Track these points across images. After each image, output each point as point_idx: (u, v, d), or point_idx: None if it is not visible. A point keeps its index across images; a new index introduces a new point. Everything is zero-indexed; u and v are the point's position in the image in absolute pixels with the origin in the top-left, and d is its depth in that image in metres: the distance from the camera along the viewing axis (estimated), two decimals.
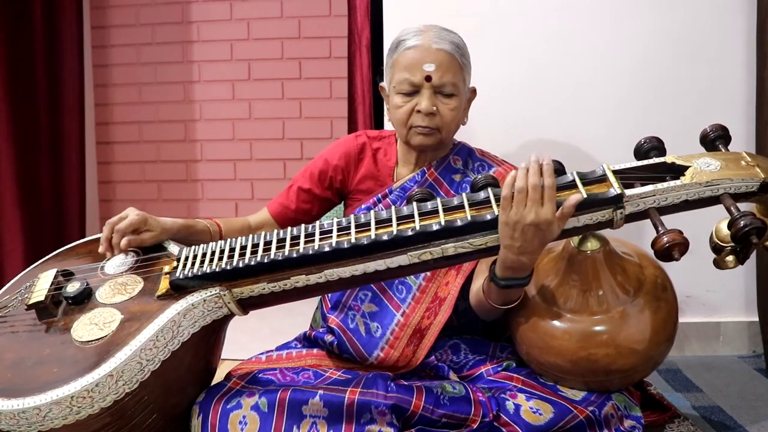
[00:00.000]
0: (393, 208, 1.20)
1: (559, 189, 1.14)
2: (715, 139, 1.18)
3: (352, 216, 1.21)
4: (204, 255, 1.24)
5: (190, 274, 1.19)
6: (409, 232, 1.15)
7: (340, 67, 2.88)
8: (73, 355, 1.11)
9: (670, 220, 1.08)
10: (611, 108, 1.93)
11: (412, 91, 1.42)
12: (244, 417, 1.17)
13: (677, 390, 1.71)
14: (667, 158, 1.15)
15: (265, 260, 1.17)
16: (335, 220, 1.22)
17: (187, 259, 1.24)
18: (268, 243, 1.22)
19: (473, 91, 1.53)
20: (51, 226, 2.60)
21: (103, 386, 1.06)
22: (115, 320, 1.16)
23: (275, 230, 1.24)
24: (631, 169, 1.15)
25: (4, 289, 1.34)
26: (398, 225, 1.17)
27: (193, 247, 1.28)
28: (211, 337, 1.22)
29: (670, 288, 1.31)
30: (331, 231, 1.19)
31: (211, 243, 1.27)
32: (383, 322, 1.40)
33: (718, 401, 1.62)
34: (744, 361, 1.93)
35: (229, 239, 1.26)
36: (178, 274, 1.21)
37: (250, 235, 1.25)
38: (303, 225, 1.23)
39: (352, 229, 1.18)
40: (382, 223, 1.19)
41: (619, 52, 1.91)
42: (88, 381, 1.05)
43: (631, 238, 1.42)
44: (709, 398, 1.65)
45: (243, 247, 1.22)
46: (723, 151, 1.17)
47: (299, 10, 3.02)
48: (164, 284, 1.21)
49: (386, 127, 1.93)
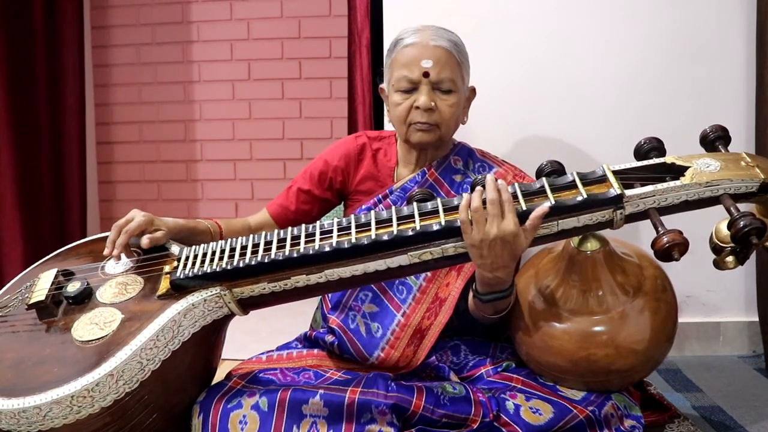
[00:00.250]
0: (393, 208, 1.20)
1: (559, 189, 1.14)
2: (715, 140, 1.18)
3: (353, 216, 1.21)
4: (204, 255, 1.24)
5: (191, 274, 1.20)
6: (410, 232, 1.15)
7: (340, 67, 2.88)
8: (74, 354, 1.11)
9: (670, 221, 1.08)
10: (611, 108, 1.93)
11: (411, 88, 1.43)
12: (244, 416, 1.17)
13: (677, 390, 1.71)
14: (667, 159, 1.15)
15: (266, 260, 1.17)
16: (335, 220, 1.22)
17: (187, 259, 1.24)
18: (268, 243, 1.22)
19: (473, 91, 1.53)
20: (51, 227, 2.60)
21: (104, 385, 1.06)
22: (116, 320, 1.16)
23: (276, 230, 1.24)
24: (631, 170, 1.15)
25: (5, 288, 1.34)
26: (399, 225, 1.17)
27: (194, 247, 1.28)
28: (211, 337, 1.22)
29: (670, 288, 1.31)
30: (331, 231, 1.20)
31: (211, 243, 1.27)
32: (384, 322, 1.40)
33: (718, 401, 1.62)
34: (744, 361, 1.93)
35: (229, 239, 1.26)
36: (178, 274, 1.21)
37: (251, 235, 1.25)
38: (303, 225, 1.23)
39: (353, 229, 1.18)
40: (383, 223, 1.19)
41: (619, 53, 1.91)
42: (89, 380, 1.05)
43: (631, 239, 1.42)
44: (709, 398, 1.65)
45: (243, 247, 1.22)
46: (723, 151, 1.17)
47: (299, 10, 3.02)
48: (165, 284, 1.21)
49: (386, 127, 1.93)
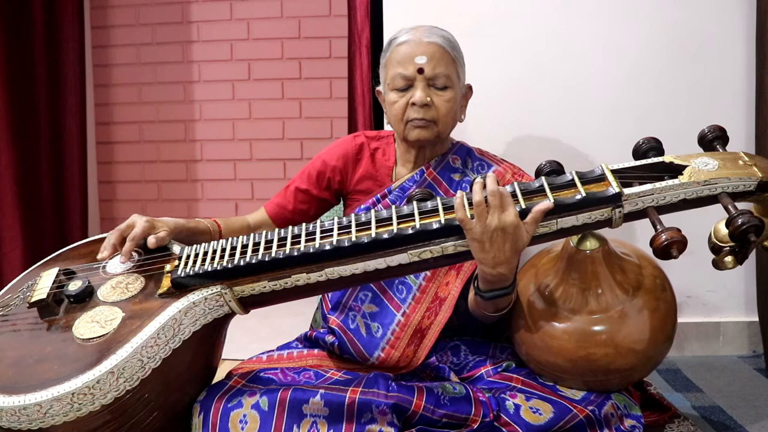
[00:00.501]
0: (393, 207, 1.21)
1: (558, 188, 1.15)
2: (713, 140, 1.18)
3: (353, 215, 1.21)
4: (205, 253, 1.24)
5: (192, 273, 1.20)
6: (409, 231, 1.15)
7: (340, 67, 2.89)
8: (75, 352, 1.11)
9: (670, 221, 1.08)
10: (611, 108, 1.93)
11: (406, 86, 1.43)
12: (244, 416, 1.17)
13: (677, 390, 1.71)
14: (666, 158, 1.15)
15: (266, 258, 1.17)
16: (336, 219, 1.22)
17: (188, 257, 1.25)
18: (269, 242, 1.22)
19: (469, 89, 1.53)
20: (51, 227, 2.60)
21: (104, 383, 1.06)
22: (117, 318, 1.16)
23: (276, 229, 1.24)
24: (629, 169, 1.15)
25: (6, 288, 1.34)
26: (399, 224, 1.17)
27: (195, 245, 1.28)
28: (212, 336, 1.23)
29: (669, 288, 1.32)
30: (331, 230, 1.20)
31: (212, 242, 1.27)
32: (384, 322, 1.40)
33: (718, 401, 1.62)
34: (744, 361, 1.93)
35: (230, 238, 1.26)
36: (179, 273, 1.21)
37: (251, 234, 1.25)
38: (304, 224, 1.23)
39: (353, 228, 1.18)
40: (383, 222, 1.19)
41: (619, 53, 1.91)
42: (89, 378, 1.05)
43: (631, 240, 1.42)
44: (709, 398, 1.65)
45: (244, 246, 1.23)
46: (721, 151, 1.18)
47: (299, 10, 3.03)
48: (166, 282, 1.21)
49: (386, 127, 1.93)
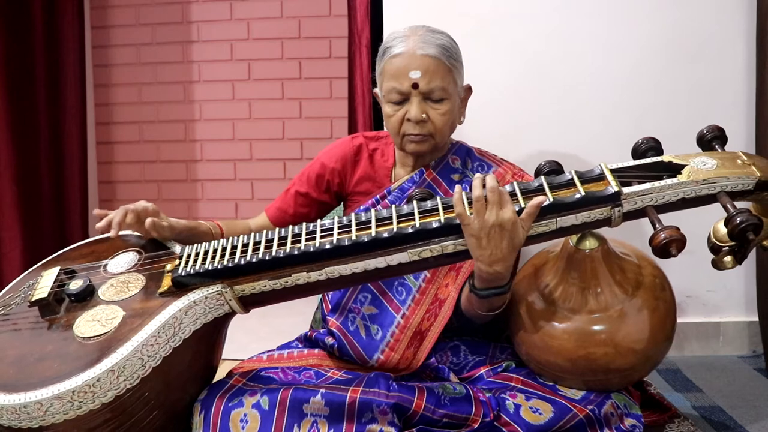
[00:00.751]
0: (393, 206, 1.21)
1: (557, 187, 1.15)
2: (712, 140, 1.18)
3: (353, 214, 1.22)
4: (206, 253, 1.24)
5: (192, 272, 1.20)
6: (409, 230, 1.15)
7: (340, 67, 2.89)
8: (75, 350, 1.11)
9: (669, 221, 1.08)
10: (611, 108, 1.93)
11: (401, 100, 1.40)
12: (245, 415, 1.17)
13: (677, 390, 1.71)
14: (665, 157, 1.15)
15: (267, 257, 1.18)
16: (336, 218, 1.22)
17: (189, 256, 1.25)
18: (269, 241, 1.22)
19: (468, 89, 1.49)
20: (51, 227, 2.60)
21: (105, 381, 1.06)
22: (117, 317, 1.16)
23: (276, 228, 1.25)
24: (628, 168, 1.15)
25: (8, 287, 1.35)
26: (399, 223, 1.17)
27: (195, 245, 1.28)
28: (212, 335, 1.23)
29: (669, 288, 1.32)
30: (332, 229, 1.20)
31: (213, 241, 1.27)
32: (383, 324, 1.40)
33: (718, 401, 1.62)
34: (744, 361, 1.93)
35: (230, 237, 1.26)
36: (180, 272, 1.21)
37: (252, 233, 1.25)
38: (304, 223, 1.23)
39: (353, 227, 1.18)
40: (383, 221, 1.19)
41: (619, 53, 1.91)
42: (90, 376, 1.05)
43: (630, 240, 1.42)
44: (709, 398, 1.65)
45: (245, 245, 1.23)
46: (719, 151, 1.18)
47: (299, 10, 3.03)
48: (166, 281, 1.22)
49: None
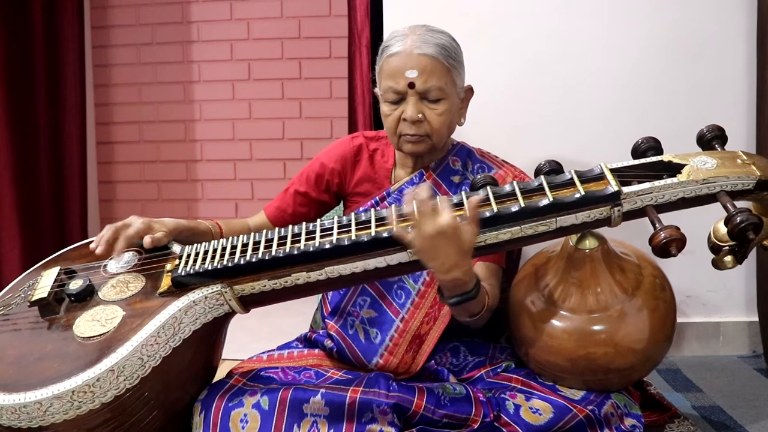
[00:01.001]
0: (393, 206, 1.20)
1: (557, 187, 1.14)
2: (712, 139, 1.18)
3: (353, 214, 1.21)
4: (206, 252, 1.24)
5: (192, 271, 1.20)
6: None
7: (340, 67, 2.89)
8: (75, 350, 1.11)
9: (669, 221, 1.08)
10: (611, 108, 1.93)
11: (398, 99, 1.38)
12: (245, 415, 1.17)
13: (677, 390, 1.71)
14: (664, 157, 1.15)
15: (266, 257, 1.17)
16: (336, 218, 1.22)
17: (188, 256, 1.25)
18: (269, 240, 1.22)
19: (469, 90, 1.47)
20: (50, 227, 2.60)
21: (104, 381, 1.06)
22: (117, 317, 1.16)
23: (276, 228, 1.24)
24: (628, 168, 1.15)
25: (8, 288, 1.34)
26: (399, 223, 1.17)
27: (195, 245, 1.28)
28: (212, 335, 1.23)
29: (669, 288, 1.32)
30: (332, 228, 1.20)
31: (212, 241, 1.27)
32: (382, 327, 1.39)
33: (718, 401, 1.63)
34: (744, 361, 1.93)
35: (230, 237, 1.26)
36: (179, 271, 1.21)
37: (251, 233, 1.25)
38: (304, 223, 1.23)
39: (353, 227, 1.18)
40: (383, 220, 1.19)
41: (619, 53, 1.91)
42: (90, 376, 1.05)
43: (630, 241, 1.42)
44: (709, 398, 1.65)
45: (244, 245, 1.23)
46: (719, 150, 1.18)
47: (299, 10, 3.03)
48: (166, 281, 1.21)
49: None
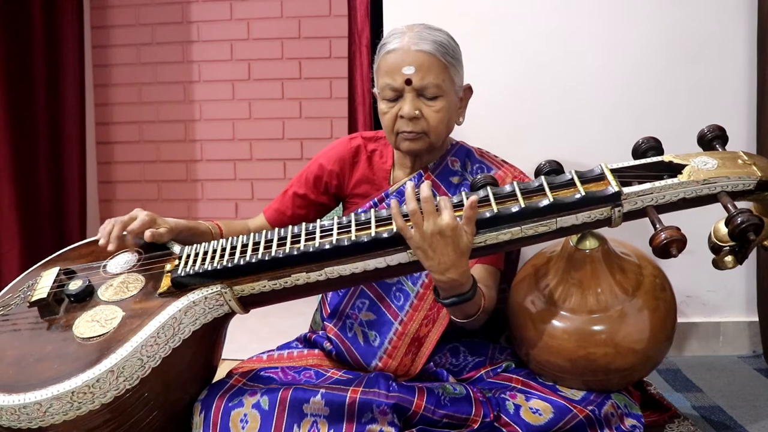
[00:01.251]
0: (395, 201, 1.18)
1: (557, 187, 1.14)
2: (713, 139, 1.18)
3: (353, 215, 1.21)
4: (205, 253, 1.24)
5: (192, 272, 1.20)
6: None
7: (340, 67, 2.89)
8: (75, 351, 1.11)
9: (669, 221, 1.08)
10: (611, 108, 1.93)
11: (395, 96, 1.38)
12: (245, 415, 1.18)
13: (677, 390, 1.71)
14: (665, 157, 1.15)
15: (266, 258, 1.17)
16: (335, 218, 1.22)
17: (188, 257, 1.25)
18: (268, 241, 1.22)
19: (468, 89, 1.46)
20: (49, 227, 2.60)
21: (104, 382, 1.06)
22: (117, 317, 1.16)
23: (276, 229, 1.24)
24: (628, 168, 1.15)
25: (7, 288, 1.34)
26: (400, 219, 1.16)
27: (195, 245, 1.28)
28: (212, 335, 1.23)
29: (669, 288, 1.32)
30: (331, 229, 1.20)
31: (212, 241, 1.27)
32: (381, 330, 1.39)
33: (718, 401, 1.62)
34: (744, 361, 1.93)
35: (230, 237, 1.26)
36: (179, 272, 1.21)
37: (251, 234, 1.25)
38: (304, 224, 1.23)
39: (353, 227, 1.18)
40: (382, 221, 1.19)
41: (620, 53, 1.91)
42: (89, 376, 1.05)
43: (630, 241, 1.42)
44: (709, 398, 1.65)
45: (244, 245, 1.23)
46: (720, 150, 1.18)
47: (299, 10, 3.03)
48: (166, 282, 1.21)
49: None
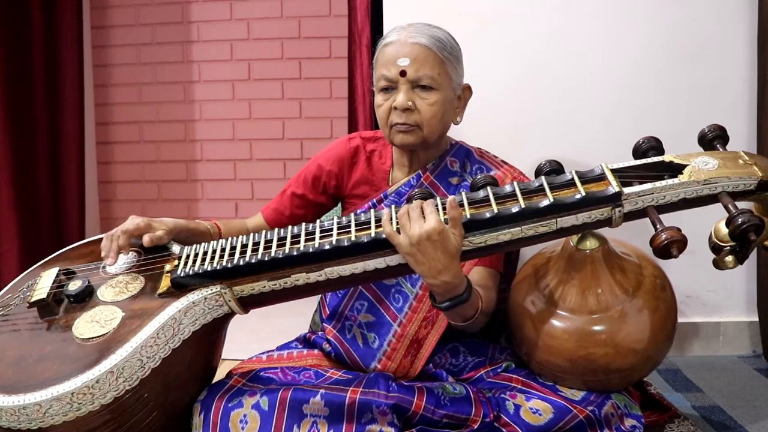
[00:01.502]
0: (393, 206, 1.19)
1: (557, 188, 1.14)
2: (713, 139, 1.18)
3: (352, 215, 1.21)
4: (205, 253, 1.24)
5: (191, 272, 1.20)
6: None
7: (340, 67, 2.89)
8: (74, 352, 1.11)
9: (670, 221, 1.08)
10: (611, 108, 1.93)
11: (389, 87, 1.38)
12: (245, 416, 1.17)
13: (677, 390, 1.71)
14: (665, 157, 1.15)
15: (266, 258, 1.17)
16: (335, 218, 1.22)
17: (188, 257, 1.25)
18: (268, 241, 1.22)
19: (468, 89, 1.46)
20: (48, 227, 2.60)
21: (104, 383, 1.06)
22: (116, 318, 1.16)
23: (276, 229, 1.24)
24: (629, 168, 1.15)
25: (7, 288, 1.34)
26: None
27: (194, 245, 1.28)
28: (211, 336, 1.23)
29: (669, 288, 1.32)
30: (331, 229, 1.20)
31: (212, 242, 1.27)
32: (380, 332, 1.39)
33: (718, 401, 1.62)
34: (744, 361, 1.93)
35: (229, 238, 1.26)
36: (179, 272, 1.21)
37: (251, 234, 1.25)
38: (303, 224, 1.23)
39: (352, 228, 1.18)
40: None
41: (620, 53, 1.91)
42: (89, 377, 1.05)
43: (631, 240, 1.42)
44: (709, 398, 1.65)
45: (244, 246, 1.23)
46: (721, 150, 1.17)
47: (299, 10, 3.03)
48: (165, 282, 1.21)
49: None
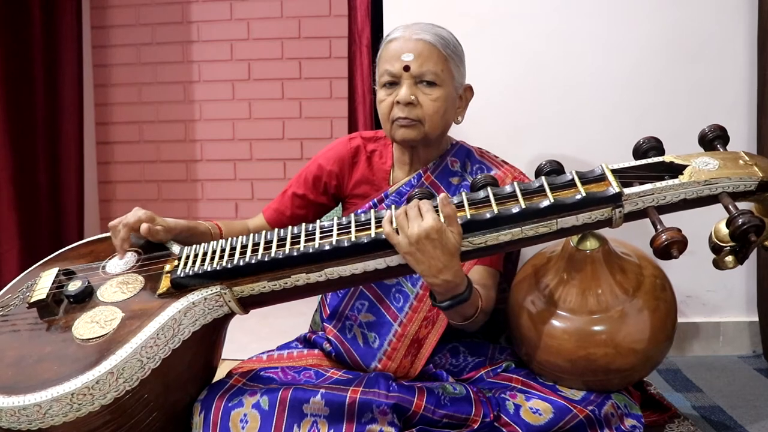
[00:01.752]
0: (393, 207, 1.19)
1: (558, 188, 1.14)
2: (714, 140, 1.18)
3: (352, 215, 1.21)
4: (205, 254, 1.24)
5: (191, 273, 1.20)
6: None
7: (340, 67, 2.88)
8: (74, 352, 1.11)
9: (670, 221, 1.08)
10: (611, 108, 1.93)
11: (393, 82, 1.39)
12: (245, 415, 1.18)
13: (677, 390, 1.71)
14: (666, 157, 1.15)
15: (266, 258, 1.17)
16: (335, 219, 1.22)
17: (188, 257, 1.25)
18: (268, 242, 1.22)
19: (469, 89, 1.48)
20: (48, 228, 2.60)
21: (104, 383, 1.06)
22: (116, 318, 1.16)
23: (276, 229, 1.24)
24: (629, 168, 1.15)
25: (6, 288, 1.34)
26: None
27: (194, 246, 1.28)
28: (211, 336, 1.23)
29: (669, 288, 1.32)
30: (331, 230, 1.20)
31: (212, 242, 1.27)
32: (380, 332, 1.39)
33: (718, 401, 1.62)
34: (744, 361, 1.93)
35: (229, 238, 1.26)
36: (179, 273, 1.21)
37: (251, 234, 1.24)
38: (303, 224, 1.23)
39: (353, 228, 1.18)
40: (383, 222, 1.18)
41: (620, 53, 1.91)
42: (89, 378, 1.05)
43: (631, 240, 1.42)
44: (709, 398, 1.65)
45: (243, 246, 1.22)
46: (721, 150, 1.17)
47: (299, 10, 3.03)
48: (165, 283, 1.21)
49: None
